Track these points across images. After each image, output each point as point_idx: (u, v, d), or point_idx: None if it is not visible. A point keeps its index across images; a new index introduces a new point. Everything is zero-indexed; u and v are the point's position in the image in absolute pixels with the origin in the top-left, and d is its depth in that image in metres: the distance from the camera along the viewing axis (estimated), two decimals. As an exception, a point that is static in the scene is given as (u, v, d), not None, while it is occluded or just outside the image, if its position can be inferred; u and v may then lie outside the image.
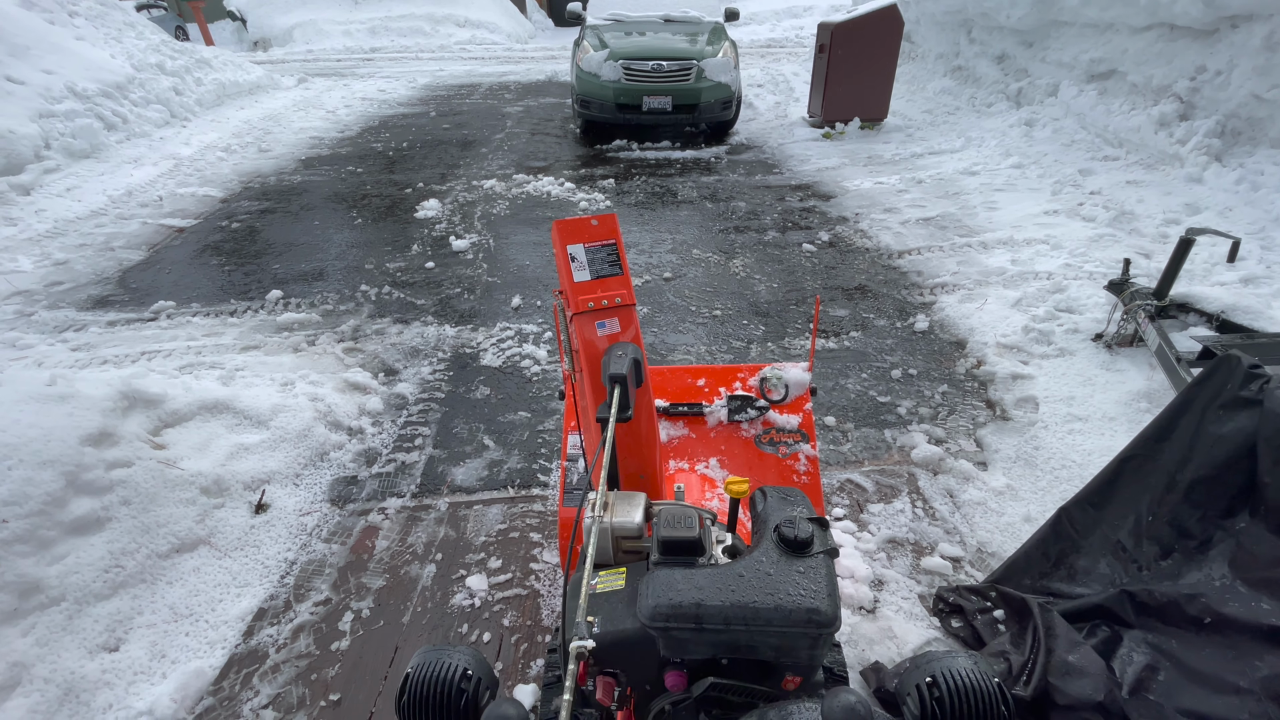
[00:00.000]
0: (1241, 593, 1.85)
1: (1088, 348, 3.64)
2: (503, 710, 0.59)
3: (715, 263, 4.97)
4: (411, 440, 3.25)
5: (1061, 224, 5.19)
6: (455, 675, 0.71)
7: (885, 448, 3.13)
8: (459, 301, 4.50)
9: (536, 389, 3.59)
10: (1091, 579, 2.22)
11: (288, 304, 4.46)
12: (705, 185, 6.65)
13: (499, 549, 2.60)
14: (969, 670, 0.68)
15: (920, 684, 0.68)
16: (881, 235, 5.32)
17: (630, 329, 1.69)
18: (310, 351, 3.89)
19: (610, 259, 1.69)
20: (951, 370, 3.69)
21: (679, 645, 1.12)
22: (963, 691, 0.67)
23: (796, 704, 0.84)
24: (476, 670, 0.73)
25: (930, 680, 0.68)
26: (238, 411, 3.14)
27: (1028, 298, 4.14)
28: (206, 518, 2.67)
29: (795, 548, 1.16)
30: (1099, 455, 2.88)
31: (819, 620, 1.06)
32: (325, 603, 2.42)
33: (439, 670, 0.72)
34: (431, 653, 0.74)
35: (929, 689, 0.68)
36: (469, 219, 5.86)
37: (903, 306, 4.33)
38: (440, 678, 0.71)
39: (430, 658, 0.73)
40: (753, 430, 2.22)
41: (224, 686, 2.15)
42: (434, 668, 0.72)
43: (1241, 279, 4.05)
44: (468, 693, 0.71)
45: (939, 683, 0.68)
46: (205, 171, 7.13)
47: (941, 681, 0.68)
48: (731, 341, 3.99)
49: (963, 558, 2.52)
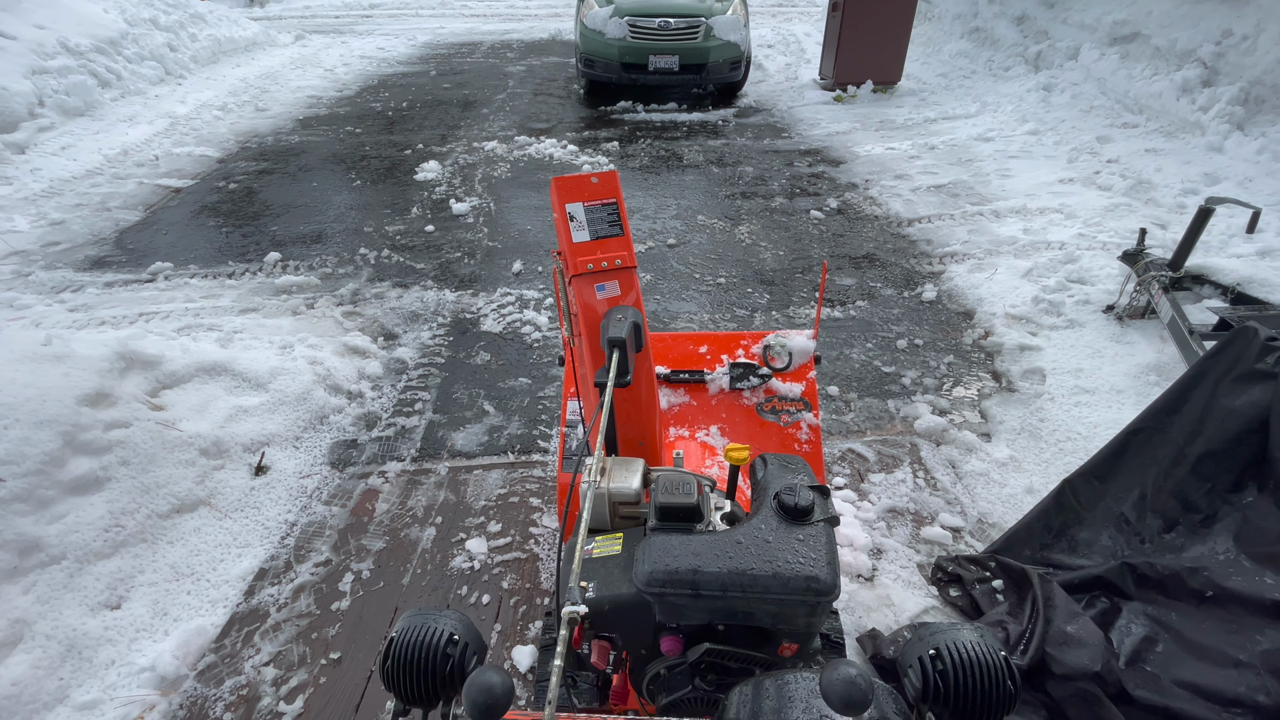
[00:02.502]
0: (1246, 567, 1.83)
1: (1098, 319, 3.57)
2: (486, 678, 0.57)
3: (720, 229, 4.88)
4: (411, 405, 3.23)
5: (1076, 193, 5.07)
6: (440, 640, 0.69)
7: (888, 418, 3.10)
8: (459, 266, 4.44)
9: (537, 355, 3.55)
10: (1093, 551, 2.21)
11: (286, 266, 4.41)
12: (712, 149, 6.50)
13: (498, 513, 2.60)
14: (974, 643, 0.66)
15: (924, 656, 0.66)
16: (891, 202, 5.20)
17: (631, 292, 1.64)
18: (309, 314, 3.85)
19: (611, 219, 1.63)
20: (958, 341, 3.63)
21: (675, 611, 1.10)
22: (967, 665, 0.64)
23: (794, 674, 0.81)
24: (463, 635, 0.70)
25: (934, 653, 0.66)
26: (236, 374, 3.12)
27: (1039, 268, 4.05)
28: (206, 479, 2.67)
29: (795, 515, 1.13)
30: (1105, 428, 2.85)
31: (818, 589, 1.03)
32: (325, 564, 2.43)
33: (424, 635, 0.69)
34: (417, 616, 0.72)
35: (932, 661, 0.65)
36: (470, 182, 5.75)
37: (911, 275, 4.25)
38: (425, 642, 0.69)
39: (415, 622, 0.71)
40: (755, 398, 2.18)
41: (225, 644, 2.17)
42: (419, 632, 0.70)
43: (1259, 251, 3.95)
44: (453, 658, 0.68)
45: (942, 655, 0.65)
46: (202, 131, 6.99)
47: (946, 654, 0.65)
48: (736, 310, 3.93)
49: (963, 528, 2.51)
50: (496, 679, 0.57)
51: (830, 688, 0.55)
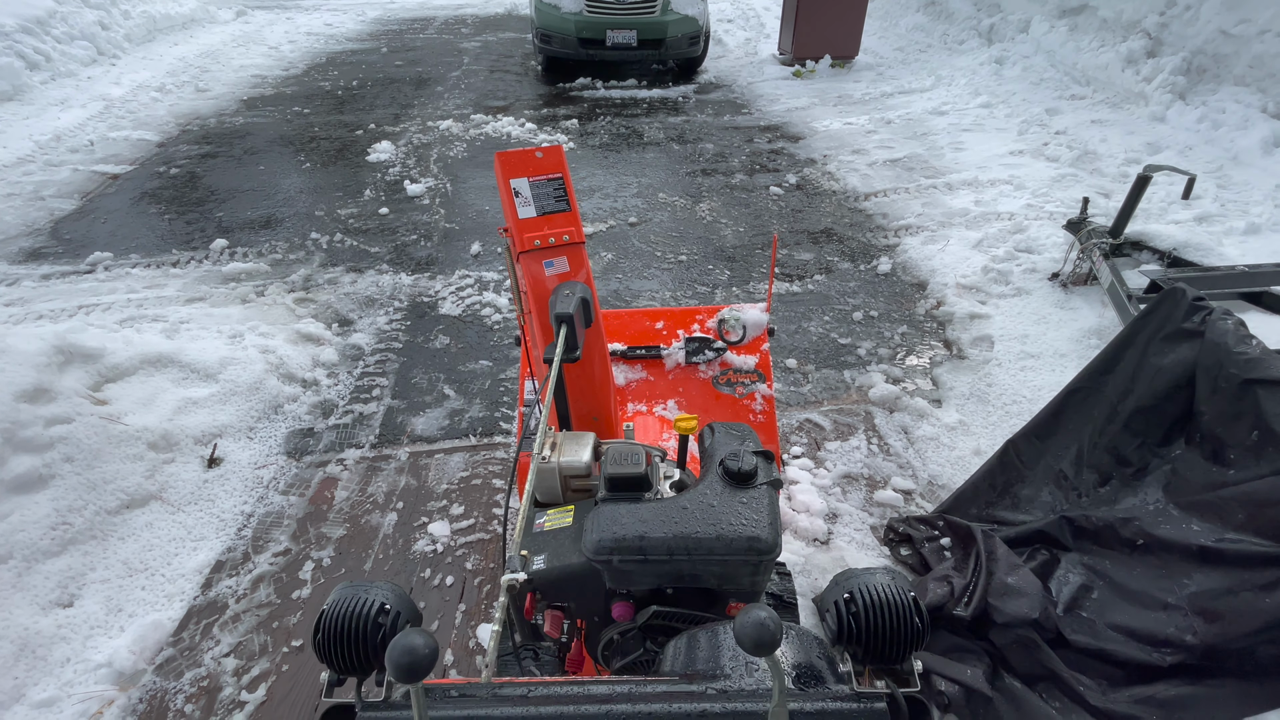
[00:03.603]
0: (1174, 515, 1.94)
1: (1044, 287, 3.69)
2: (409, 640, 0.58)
3: (681, 207, 4.88)
4: (369, 391, 3.18)
5: (1026, 164, 5.19)
6: (371, 610, 0.70)
7: (844, 388, 3.18)
8: (415, 249, 4.35)
9: (498, 338, 3.52)
10: (1034, 507, 2.31)
11: (234, 253, 4.27)
12: (672, 126, 6.46)
13: (461, 496, 2.60)
14: (885, 586, 0.69)
15: (839, 600, 0.69)
16: (849, 177, 5.26)
17: (580, 269, 1.64)
18: (259, 302, 3.75)
19: (557, 194, 1.62)
20: (912, 311, 3.72)
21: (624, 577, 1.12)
22: (878, 605, 0.68)
23: (723, 624, 0.85)
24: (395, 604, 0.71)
25: (848, 596, 0.69)
26: (184, 365, 3.03)
27: (989, 238, 4.16)
28: (156, 473, 2.60)
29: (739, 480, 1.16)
30: (1049, 391, 2.96)
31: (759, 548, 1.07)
32: (285, 553, 2.40)
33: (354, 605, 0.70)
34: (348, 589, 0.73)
35: (846, 604, 0.69)
36: (424, 162, 5.62)
37: (867, 249, 4.32)
38: (355, 613, 0.69)
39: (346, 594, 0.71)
40: (710, 371, 2.21)
41: (184, 637, 2.14)
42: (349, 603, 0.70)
43: (1196, 217, 4.12)
44: (385, 627, 0.69)
45: (856, 598, 0.69)
46: (139, 114, 6.66)
47: (858, 596, 0.69)
48: (697, 287, 3.95)
49: (914, 490, 2.60)
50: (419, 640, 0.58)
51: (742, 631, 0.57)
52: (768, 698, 0.66)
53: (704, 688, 0.71)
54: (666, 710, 0.65)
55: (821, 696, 0.67)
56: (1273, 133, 4.87)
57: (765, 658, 0.59)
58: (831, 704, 0.65)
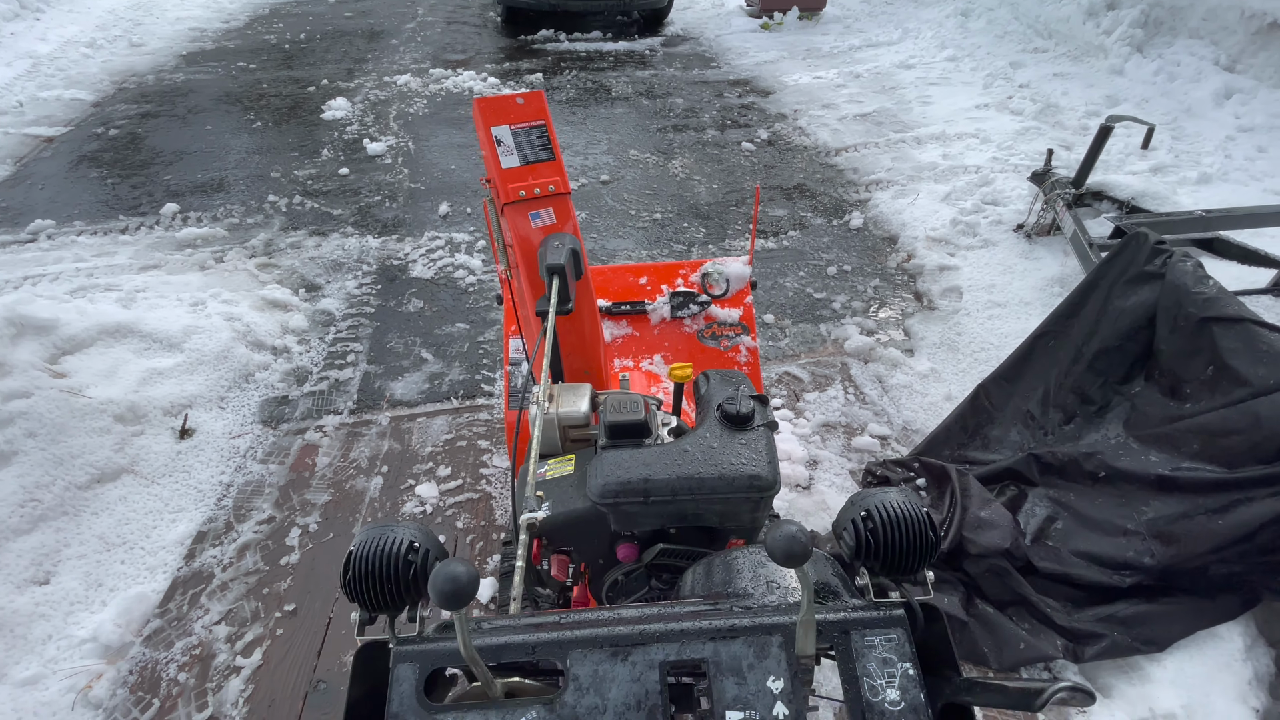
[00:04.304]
0: (1133, 448, 2.06)
1: (1009, 238, 3.79)
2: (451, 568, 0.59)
3: (654, 164, 4.81)
4: (343, 357, 3.11)
5: (991, 118, 5.25)
6: (400, 548, 0.70)
7: (820, 341, 3.23)
8: (380, 210, 4.21)
9: (473, 300, 3.47)
10: (1003, 446, 2.42)
11: (186, 219, 4.06)
12: (640, 80, 6.31)
13: (447, 458, 2.59)
14: (899, 503, 0.72)
15: (855, 518, 0.72)
16: (819, 132, 5.25)
17: (567, 220, 1.61)
18: (219, 269, 3.59)
19: (540, 142, 1.58)
20: (884, 265, 3.78)
21: (629, 519, 1.15)
22: (894, 521, 0.71)
23: (739, 549, 0.88)
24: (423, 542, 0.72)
25: (865, 514, 0.72)
26: (144, 335, 2.91)
27: (956, 191, 4.23)
28: (126, 446, 2.52)
29: (737, 422, 1.19)
30: (1015, 337, 3.06)
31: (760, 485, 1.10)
32: (269, 521, 2.37)
33: (383, 545, 0.70)
34: (375, 529, 0.73)
35: (863, 521, 0.72)
36: (384, 120, 5.39)
37: (839, 204, 4.35)
38: (385, 551, 0.70)
39: (374, 534, 0.71)
40: (695, 325, 2.22)
41: (170, 608, 2.11)
42: (378, 543, 0.70)
43: (1151, 168, 4.25)
44: (415, 564, 0.70)
45: (872, 515, 0.72)
46: (70, 71, 6.19)
47: (875, 514, 0.72)
48: (672, 245, 3.93)
49: (890, 436, 2.69)
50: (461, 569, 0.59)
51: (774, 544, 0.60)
52: (792, 611, 0.69)
53: (730, 605, 0.74)
54: (697, 627, 0.68)
55: (843, 607, 0.70)
56: (1224, 85, 5.01)
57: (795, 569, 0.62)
58: (853, 613, 0.69)
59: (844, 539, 0.73)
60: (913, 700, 0.64)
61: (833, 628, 0.68)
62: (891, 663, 0.66)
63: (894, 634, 0.68)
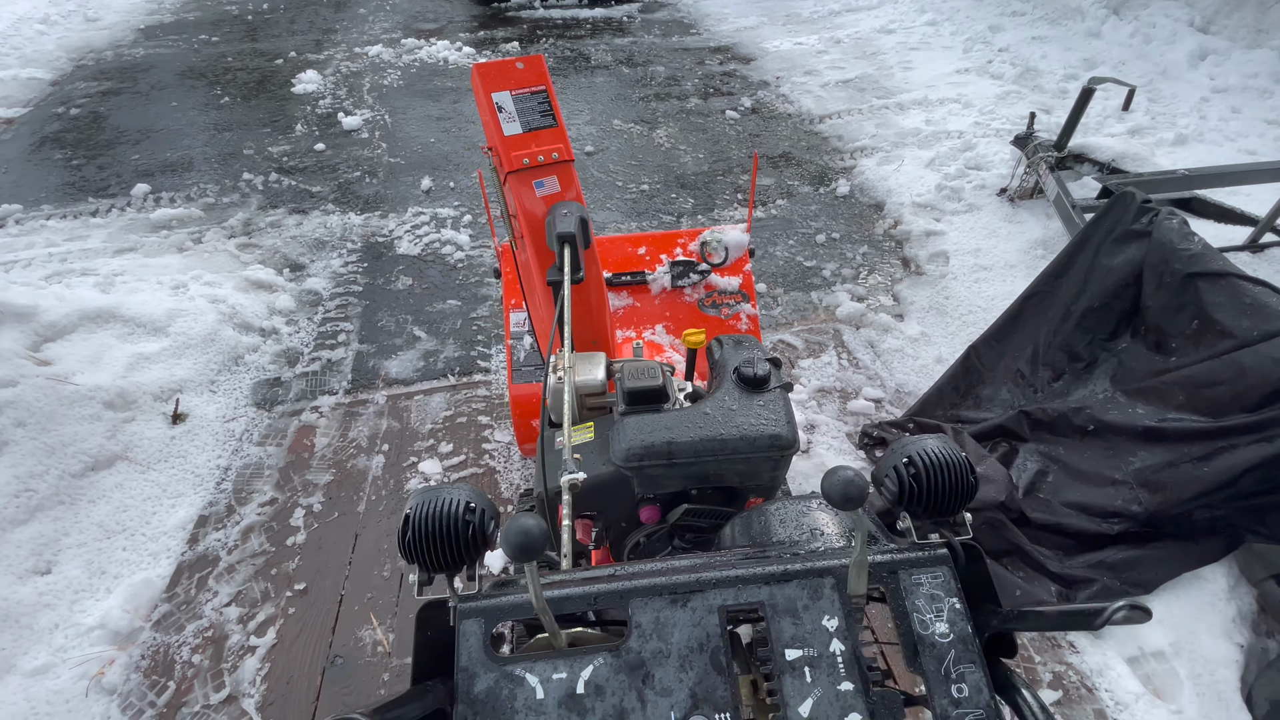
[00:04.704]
0: (1120, 402, 2.13)
1: (993, 202, 3.83)
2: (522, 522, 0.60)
3: (638, 134, 4.75)
4: (334, 337, 3.07)
5: (972, 82, 5.27)
6: (458, 509, 0.71)
7: (812, 308, 3.27)
8: (361, 186, 4.12)
9: (463, 276, 3.43)
10: (994, 404, 2.49)
11: (159, 199, 3.93)
12: (620, 48, 6.19)
13: (448, 434, 2.59)
14: (939, 448, 0.75)
15: (898, 465, 0.75)
16: (803, 99, 5.22)
17: (571, 188, 1.59)
18: (198, 250, 3.50)
19: (542, 109, 1.56)
20: (871, 232, 3.81)
21: (652, 481, 1.17)
22: (937, 466, 0.74)
23: (782, 501, 0.91)
24: (478, 502, 0.73)
25: (907, 460, 0.75)
26: (127, 319, 2.83)
27: (940, 157, 4.25)
28: (118, 433, 2.47)
29: (754, 384, 1.21)
30: (1001, 299, 3.13)
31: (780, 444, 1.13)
32: (271, 503, 2.36)
33: (441, 506, 0.71)
34: (429, 492, 0.73)
35: (906, 467, 0.74)
36: (357, 93, 5.23)
37: (825, 172, 4.35)
38: (443, 512, 0.71)
39: (428, 496, 0.72)
40: (695, 294, 2.23)
41: (178, 592, 2.10)
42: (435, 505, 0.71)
43: (1129, 130, 4.32)
44: (473, 523, 0.71)
45: (915, 461, 0.74)
46: (24, 49, 5.88)
47: (917, 459, 0.74)
48: (661, 216, 3.91)
49: (883, 399, 2.75)
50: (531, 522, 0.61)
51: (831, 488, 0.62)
52: (840, 555, 0.72)
53: (778, 553, 0.77)
54: (752, 573, 0.70)
55: (890, 549, 0.73)
56: (1199, 46, 5.08)
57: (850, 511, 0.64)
58: (900, 554, 0.72)
59: (886, 485, 0.76)
60: (960, 632, 0.68)
61: (881, 568, 0.71)
62: (938, 598, 0.70)
63: (939, 572, 0.71)
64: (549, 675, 0.65)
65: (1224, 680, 1.80)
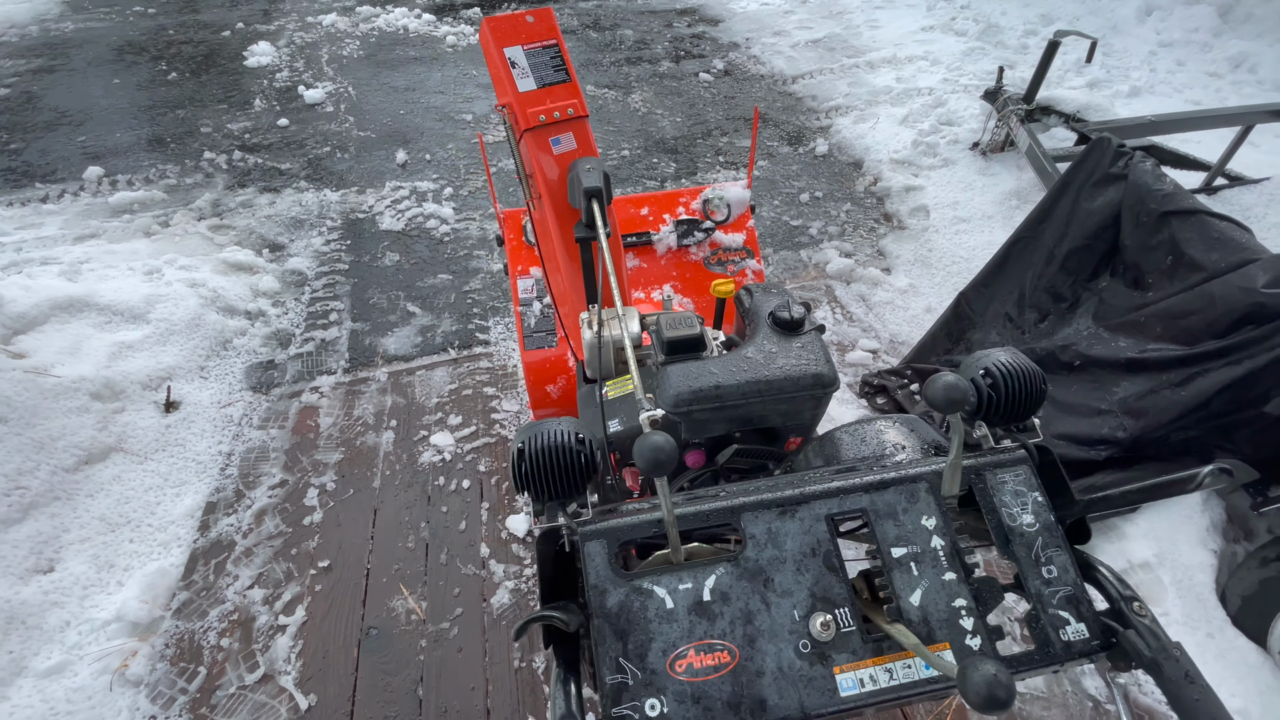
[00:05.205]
0: (1104, 337, 2.26)
1: (966, 156, 3.94)
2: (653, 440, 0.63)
3: (613, 99, 4.69)
4: (325, 316, 3.00)
5: (937, 39, 5.34)
6: (570, 439, 0.74)
7: (803, 266, 3.33)
8: (332, 162, 3.98)
9: (451, 249, 3.37)
10: (985, 347, 2.61)
11: (115, 182, 3.73)
12: (585, 12, 6.06)
13: (455, 406, 2.58)
14: (1011, 359, 0.81)
15: (975, 378, 0.80)
16: (774, 60, 5.22)
17: (587, 145, 1.59)
18: (167, 233, 3.34)
19: (555, 63, 1.54)
20: (852, 189, 3.88)
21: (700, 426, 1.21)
22: (1012, 375, 0.79)
23: (859, 422, 0.96)
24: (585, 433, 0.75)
25: (984, 371, 0.80)
26: (102, 307, 2.71)
27: (913, 114, 4.33)
28: (109, 424, 2.38)
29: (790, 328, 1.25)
30: (982, 249, 3.25)
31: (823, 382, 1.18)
32: (281, 485, 2.33)
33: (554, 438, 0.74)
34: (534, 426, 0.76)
35: (983, 378, 0.79)
36: (315, 64, 5.01)
37: (802, 132, 4.39)
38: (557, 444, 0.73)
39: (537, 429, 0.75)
40: (700, 253, 2.26)
41: (195, 579, 2.07)
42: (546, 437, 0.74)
43: (1088, 83, 4.46)
44: (584, 452, 0.74)
45: (991, 372, 0.80)
46: (-74, 21, 5.43)
47: (994, 369, 0.80)
48: (645, 182, 3.90)
49: (879, 349, 2.85)
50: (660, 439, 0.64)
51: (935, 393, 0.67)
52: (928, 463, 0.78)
53: (867, 466, 0.82)
54: (852, 483, 0.75)
55: (975, 454, 0.79)
56: (1145, 1, 5.25)
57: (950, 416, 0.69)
58: (984, 458, 0.78)
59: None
60: (1045, 521, 0.74)
61: (969, 471, 0.76)
62: (1022, 494, 0.76)
63: (1020, 470, 0.77)
64: (675, 586, 0.69)
65: (1201, 584, 1.97)
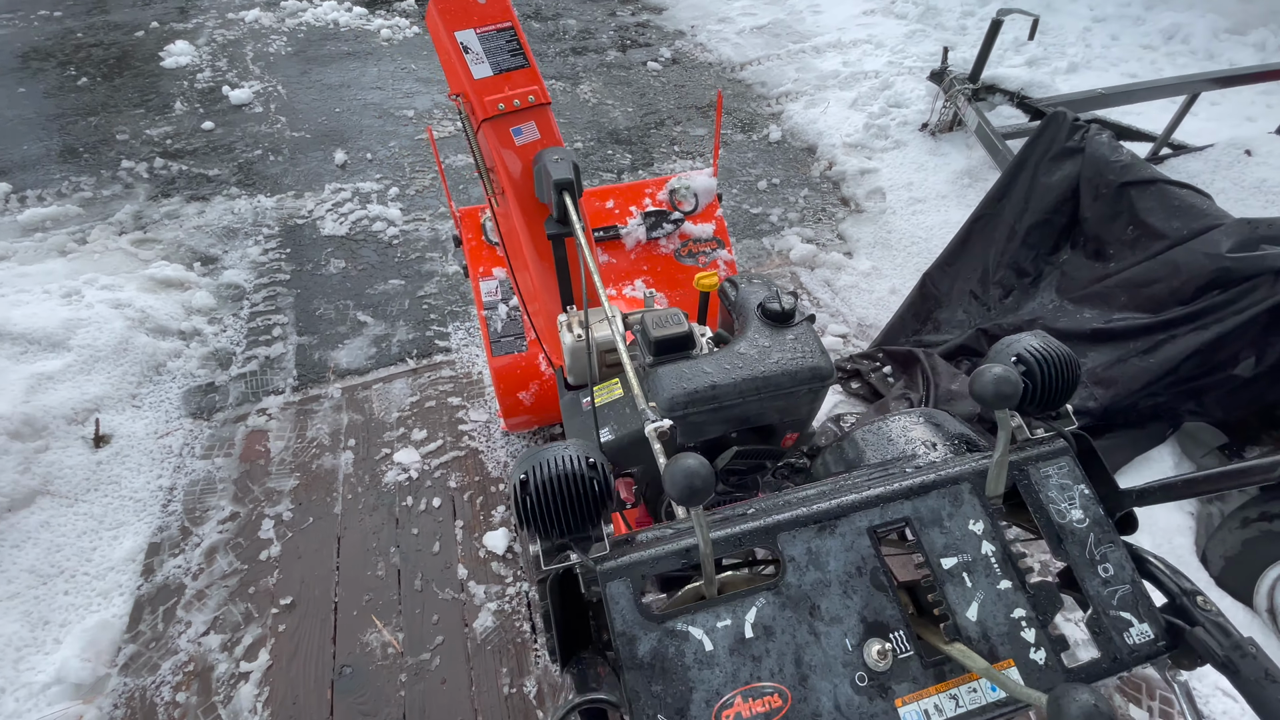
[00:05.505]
0: (1068, 309, 2.29)
1: (917, 137, 3.98)
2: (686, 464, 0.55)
3: (562, 90, 4.56)
4: (267, 331, 2.80)
5: (879, 23, 5.39)
6: (581, 466, 0.64)
7: (766, 254, 3.30)
8: (264, 165, 3.73)
9: (401, 252, 3.20)
10: (953, 326, 2.62)
11: (24, 198, 3.40)
12: (524, 2, 5.88)
13: (418, 420, 2.43)
14: (1042, 344, 0.76)
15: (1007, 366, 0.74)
16: (721, 47, 5.17)
17: (551, 134, 1.49)
18: (84, 251, 3.06)
19: (511, 47, 1.43)
20: (808, 175, 3.87)
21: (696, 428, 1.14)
22: (1046, 361, 0.74)
23: (881, 419, 0.89)
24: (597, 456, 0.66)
25: (1016, 358, 0.75)
26: (16, 336, 2.45)
27: (862, 97, 4.35)
28: (32, 465, 2.15)
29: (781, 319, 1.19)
30: (939, 229, 3.28)
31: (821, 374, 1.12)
32: (232, 518, 2.15)
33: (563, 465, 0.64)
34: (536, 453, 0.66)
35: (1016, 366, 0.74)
36: (240, 63, 4.70)
37: (754, 118, 4.36)
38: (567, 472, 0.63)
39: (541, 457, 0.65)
40: (670, 245, 2.18)
41: (143, 629, 1.89)
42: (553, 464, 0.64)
43: (1027, 61, 4.57)
44: (598, 479, 0.64)
45: (1024, 358, 0.74)
46: None
47: (1027, 356, 0.74)
48: (601, 174, 3.80)
49: (848, 333, 2.83)
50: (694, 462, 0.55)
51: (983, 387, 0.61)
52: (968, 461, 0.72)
53: (901, 468, 0.75)
54: (892, 490, 0.68)
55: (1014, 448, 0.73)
56: (1074, -22, 5.43)
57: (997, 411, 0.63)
58: (1023, 452, 0.72)
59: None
60: (1094, 515, 0.69)
61: (1010, 467, 0.71)
62: (1068, 487, 0.71)
63: (1062, 462, 0.72)
64: (712, 625, 0.61)
65: (1181, 546, 2.02)
